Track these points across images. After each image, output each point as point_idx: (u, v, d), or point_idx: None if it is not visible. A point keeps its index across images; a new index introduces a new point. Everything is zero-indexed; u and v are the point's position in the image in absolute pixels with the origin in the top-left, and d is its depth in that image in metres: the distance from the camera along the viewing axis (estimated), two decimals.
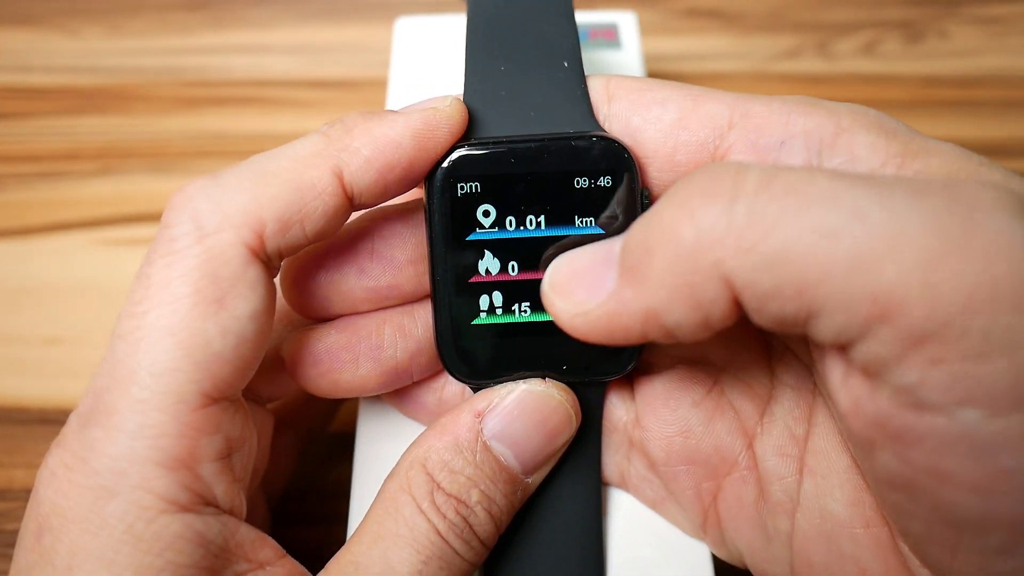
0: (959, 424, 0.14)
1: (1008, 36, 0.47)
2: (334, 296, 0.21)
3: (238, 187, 0.18)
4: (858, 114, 0.18)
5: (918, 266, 0.14)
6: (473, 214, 0.20)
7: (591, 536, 0.21)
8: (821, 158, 0.18)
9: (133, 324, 0.18)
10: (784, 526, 0.20)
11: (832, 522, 0.19)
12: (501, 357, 0.21)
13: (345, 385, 0.21)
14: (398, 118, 0.20)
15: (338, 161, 0.19)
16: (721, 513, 0.21)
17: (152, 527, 0.17)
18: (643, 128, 0.20)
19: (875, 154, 0.18)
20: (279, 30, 0.47)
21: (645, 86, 0.20)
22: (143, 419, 0.17)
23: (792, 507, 0.20)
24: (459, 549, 0.19)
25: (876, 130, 0.18)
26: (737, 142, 0.19)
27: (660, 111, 0.20)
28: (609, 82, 0.21)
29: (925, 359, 0.14)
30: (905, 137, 0.18)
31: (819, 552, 0.19)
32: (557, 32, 0.22)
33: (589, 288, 0.18)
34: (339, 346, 0.21)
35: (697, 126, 0.20)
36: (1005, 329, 0.13)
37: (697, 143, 0.20)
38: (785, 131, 0.19)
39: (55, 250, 0.38)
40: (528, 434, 0.20)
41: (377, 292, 0.21)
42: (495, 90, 0.21)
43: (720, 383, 0.21)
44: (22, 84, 0.44)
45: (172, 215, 0.18)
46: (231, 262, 0.18)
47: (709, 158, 0.20)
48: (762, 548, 0.21)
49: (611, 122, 0.20)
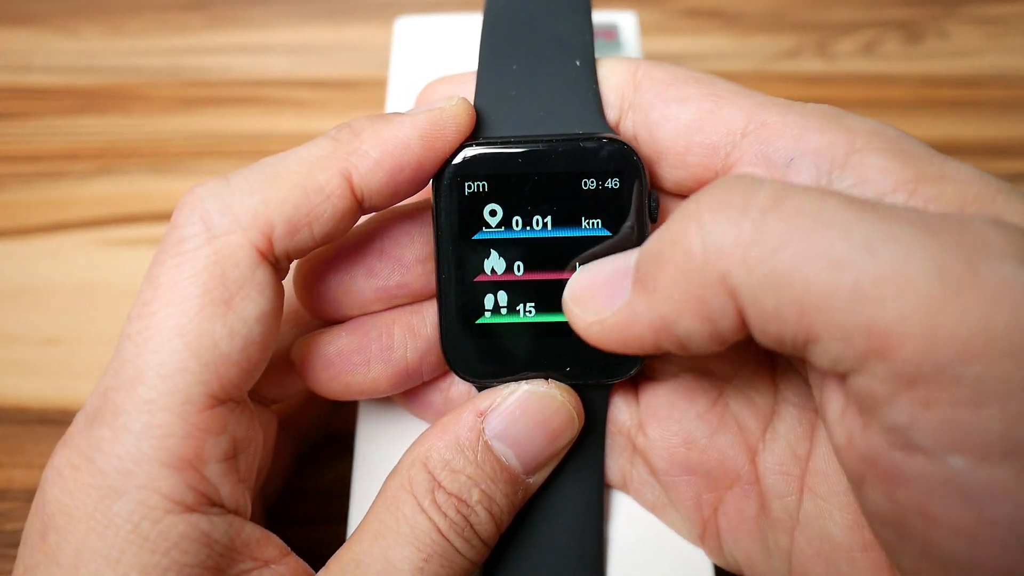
0: (947, 470, 0.14)
1: (1008, 36, 0.47)
2: (344, 297, 0.21)
3: (247, 189, 0.18)
4: (874, 135, 0.18)
5: (918, 308, 0.13)
6: (480, 213, 0.20)
7: (592, 538, 0.21)
8: (830, 178, 0.18)
9: (141, 324, 0.18)
10: (784, 542, 0.20)
11: (831, 544, 0.19)
12: (505, 357, 0.21)
13: (357, 387, 0.21)
14: (405, 119, 0.20)
15: (347, 164, 0.19)
16: (721, 525, 0.21)
17: (158, 527, 0.17)
18: (660, 124, 0.20)
19: (886, 178, 0.17)
20: (279, 30, 0.47)
21: (672, 79, 0.20)
22: (150, 419, 0.17)
23: (792, 525, 0.20)
24: (460, 547, 0.19)
25: (891, 153, 0.18)
26: (748, 152, 0.19)
27: (678, 109, 0.20)
28: (638, 70, 0.21)
29: (917, 401, 0.14)
30: (922, 162, 0.17)
31: (818, 571, 0.19)
32: (571, 30, 0.22)
33: (606, 298, 0.18)
34: (351, 348, 0.21)
35: (711, 130, 0.20)
36: (999, 378, 0.13)
37: (710, 146, 0.20)
38: (796, 147, 0.18)
39: (55, 250, 0.38)
40: (530, 435, 0.20)
41: (387, 292, 0.21)
42: (506, 89, 0.21)
43: (724, 396, 0.21)
44: (22, 84, 0.44)
45: (182, 216, 0.18)
46: (240, 264, 0.18)
47: (720, 163, 0.20)
48: (761, 561, 0.21)
49: (632, 112, 0.20)
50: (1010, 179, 0.40)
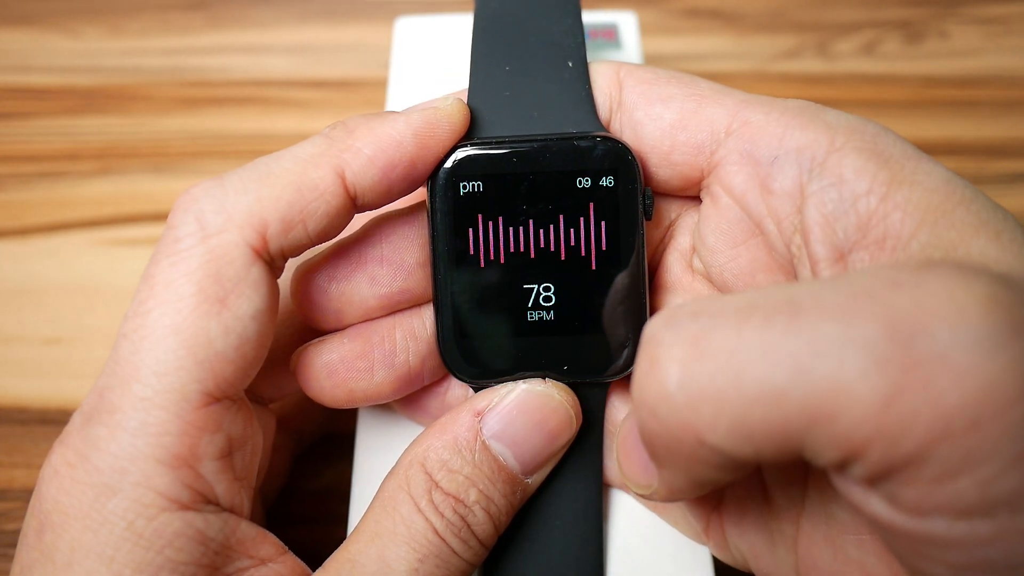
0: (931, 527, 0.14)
1: (1008, 36, 0.47)
2: (347, 308, 0.21)
3: (241, 188, 0.19)
4: (854, 132, 0.18)
5: (867, 417, 0.13)
6: (475, 213, 0.20)
7: (591, 539, 0.21)
8: (811, 176, 0.18)
9: (137, 323, 0.18)
10: (789, 531, 0.20)
11: (837, 527, 0.19)
12: (502, 357, 0.21)
13: (361, 394, 0.21)
14: (399, 117, 0.20)
15: (340, 161, 0.19)
16: (725, 517, 0.21)
17: (152, 524, 0.17)
18: (645, 123, 0.20)
19: (861, 179, 0.17)
20: (279, 30, 0.47)
21: (654, 78, 0.21)
22: (145, 417, 0.17)
23: (797, 513, 0.20)
24: (456, 548, 0.19)
25: (868, 153, 0.18)
26: (732, 151, 0.19)
27: (662, 109, 0.20)
28: (620, 70, 0.21)
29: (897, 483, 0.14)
30: (897, 163, 0.18)
31: (824, 557, 0.19)
32: (563, 31, 0.22)
33: (642, 471, 0.19)
34: (354, 355, 0.21)
35: (695, 129, 0.20)
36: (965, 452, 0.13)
37: (694, 145, 0.20)
38: (779, 146, 0.19)
39: (55, 250, 0.38)
40: (528, 434, 0.20)
41: (390, 298, 0.21)
42: (499, 90, 0.21)
43: None
44: (22, 84, 0.44)
45: (177, 216, 0.19)
46: (234, 262, 0.18)
47: (705, 162, 0.20)
48: (766, 552, 0.20)
49: (620, 112, 0.21)
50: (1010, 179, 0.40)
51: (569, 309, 0.21)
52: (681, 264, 0.22)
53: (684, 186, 0.21)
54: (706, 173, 0.20)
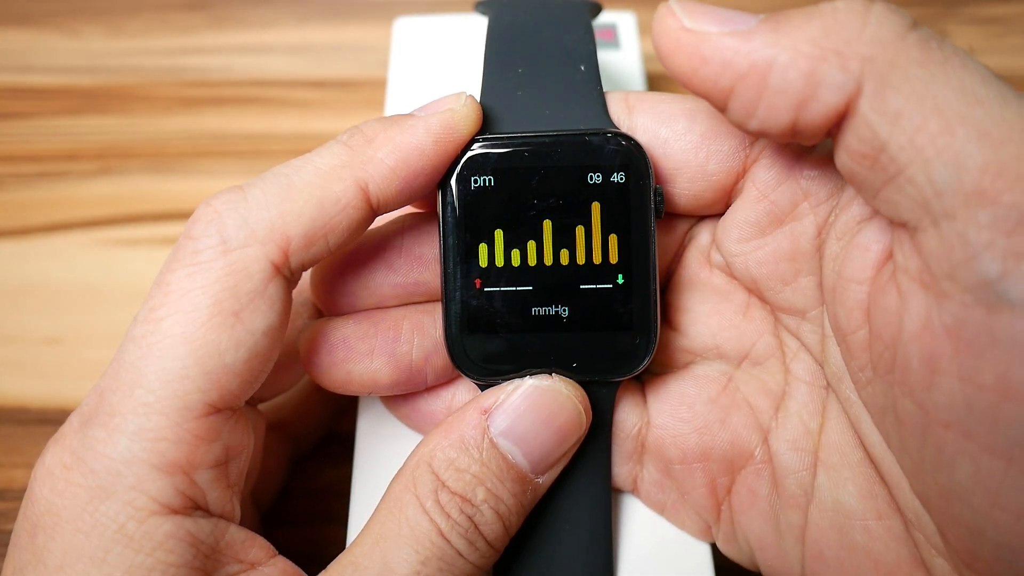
0: None
1: (1008, 36, 0.47)
2: (362, 291, 0.21)
3: (265, 203, 0.19)
4: None
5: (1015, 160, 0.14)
6: (486, 207, 0.20)
7: (601, 542, 0.21)
8: None
9: (147, 328, 0.18)
10: (797, 520, 0.20)
11: (845, 514, 0.19)
12: (510, 353, 0.21)
13: (358, 378, 0.21)
14: (418, 123, 0.20)
15: (363, 174, 0.19)
16: (734, 507, 0.21)
17: (143, 527, 0.17)
18: (671, 140, 0.20)
19: None
20: (279, 30, 0.47)
21: (664, 99, 0.21)
22: (144, 422, 0.17)
23: (805, 501, 0.20)
24: (462, 549, 0.19)
25: None
26: (767, 147, 0.20)
27: (688, 123, 0.20)
28: (628, 96, 0.21)
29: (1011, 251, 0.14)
30: None
31: (831, 545, 0.19)
32: (575, 40, 0.22)
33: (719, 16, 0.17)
34: (356, 335, 0.21)
35: (728, 133, 0.20)
36: None
37: (729, 151, 0.20)
38: None
39: (55, 250, 0.38)
40: (536, 431, 0.20)
41: (404, 288, 0.21)
42: (512, 89, 0.21)
43: (734, 380, 0.21)
44: (22, 84, 0.44)
45: (198, 227, 0.18)
46: (254, 277, 0.18)
47: (740, 164, 0.20)
48: (773, 543, 0.21)
49: (636, 134, 0.21)
50: None
51: (578, 306, 0.21)
52: (699, 259, 0.22)
53: (715, 199, 0.21)
54: (740, 177, 0.20)
